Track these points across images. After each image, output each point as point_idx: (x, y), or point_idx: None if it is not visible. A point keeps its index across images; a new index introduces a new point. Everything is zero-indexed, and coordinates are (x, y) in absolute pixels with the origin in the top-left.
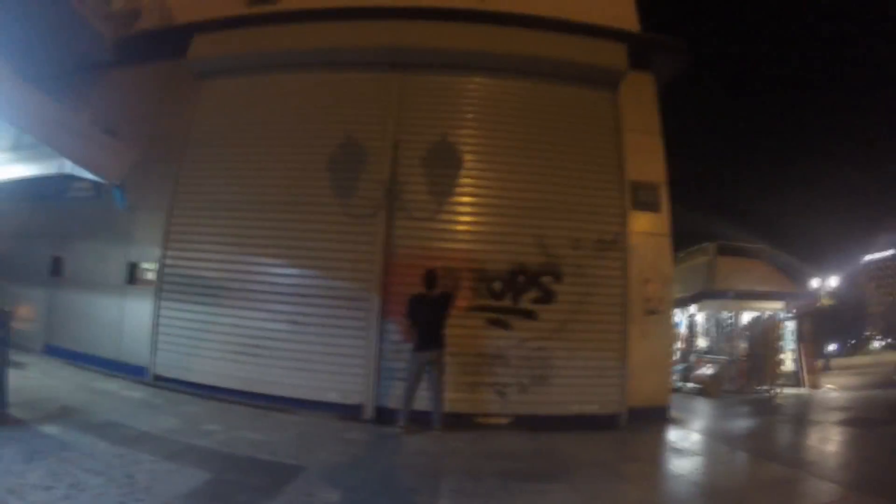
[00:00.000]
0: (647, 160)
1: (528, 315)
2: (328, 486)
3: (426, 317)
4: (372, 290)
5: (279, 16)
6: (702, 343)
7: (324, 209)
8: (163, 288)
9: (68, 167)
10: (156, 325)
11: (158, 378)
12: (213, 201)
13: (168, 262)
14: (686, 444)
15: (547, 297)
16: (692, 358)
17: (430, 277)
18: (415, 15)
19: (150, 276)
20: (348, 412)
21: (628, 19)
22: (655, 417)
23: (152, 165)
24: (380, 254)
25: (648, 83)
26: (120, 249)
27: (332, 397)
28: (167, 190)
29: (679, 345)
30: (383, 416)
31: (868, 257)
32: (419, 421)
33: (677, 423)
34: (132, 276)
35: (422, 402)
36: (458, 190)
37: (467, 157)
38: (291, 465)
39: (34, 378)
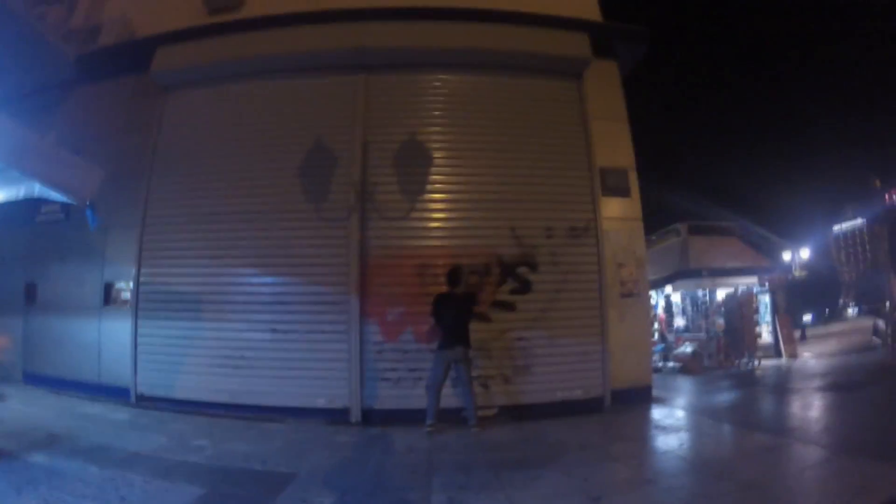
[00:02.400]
0: (615, 146)
1: (507, 307)
2: (321, 489)
3: (451, 315)
4: (350, 293)
5: (241, 24)
6: (679, 322)
7: (297, 215)
8: (140, 306)
9: (37, 190)
10: (135, 344)
11: (142, 398)
12: (184, 214)
13: (143, 279)
14: (670, 420)
15: (524, 287)
16: (671, 337)
17: (455, 275)
18: (377, 15)
19: (126, 294)
20: (336, 417)
21: (589, 8)
22: (639, 398)
23: (122, 182)
24: (355, 255)
25: (612, 70)
26: (94, 270)
27: (319, 403)
28: (138, 206)
29: (657, 325)
30: (370, 417)
31: (836, 227)
32: (416, 420)
33: (661, 401)
34: (108, 296)
35: (409, 400)
36: (429, 187)
37: (436, 153)
38: (283, 472)
39: (15, 408)
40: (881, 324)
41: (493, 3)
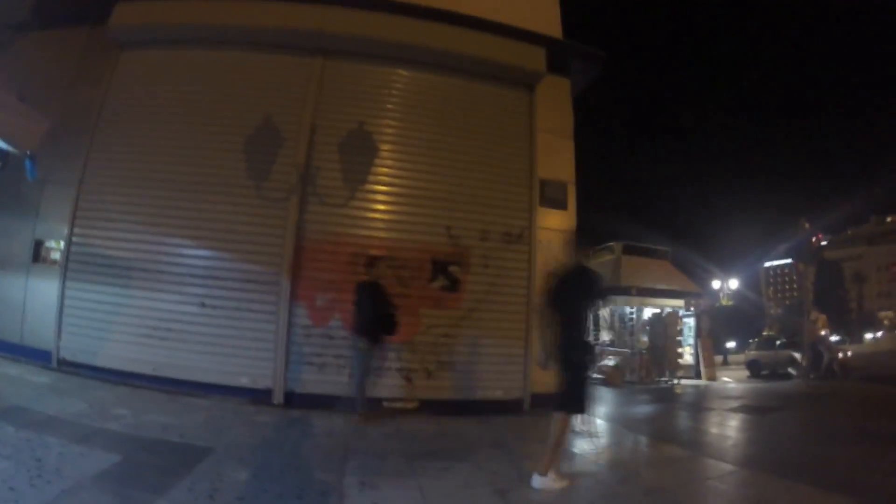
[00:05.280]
0: (558, 160)
1: (435, 303)
2: (236, 466)
3: (373, 305)
4: (282, 274)
5: None
6: (606, 336)
7: (238, 190)
8: (70, 267)
9: None
10: (62, 306)
11: (65, 362)
12: (125, 178)
13: (75, 239)
14: (586, 427)
15: (453, 285)
16: (597, 350)
17: (376, 266)
18: (343, 1)
19: (57, 254)
20: (258, 396)
21: (551, 24)
22: None
23: (64, 137)
24: (291, 237)
25: (564, 86)
26: (26, 225)
27: (243, 382)
28: (78, 163)
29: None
30: (293, 400)
31: (767, 264)
32: (338, 406)
33: None
34: (38, 254)
35: (333, 386)
36: (372, 178)
37: (383, 146)
38: (200, 446)
39: None
40: (797, 356)
41: (456, 6)
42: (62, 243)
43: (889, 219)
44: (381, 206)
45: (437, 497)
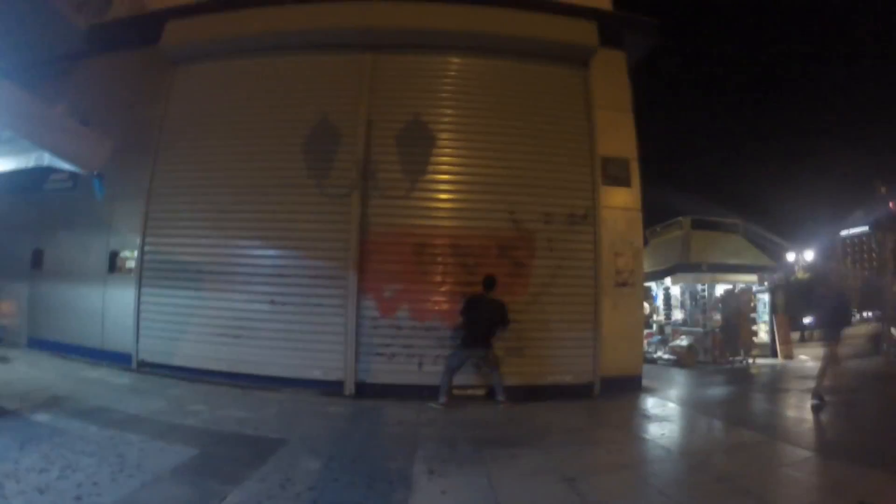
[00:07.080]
0: (618, 136)
1: (502, 289)
2: (309, 456)
3: (480, 318)
4: (348, 269)
5: None
6: (677, 315)
7: (300, 190)
8: (143, 275)
9: (46, 159)
10: (138, 311)
11: (143, 364)
12: (189, 186)
13: (148, 248)
14: (657, 410)
15: (519, 270)
16: (668, 330)
17: (490, 281)
18: None
19: (131, 263)
20: (330, 388)
21: None
22: (629, 387)
23: (129, 154)
24: (355, 232)
25: (620, 60)
26: (100, 239)
27: (314, 374)
28: (144, 177)
29: (655, 317)
30: (364, 391)
31: (843, 232)
32: (408, 395)
33: (650, 391)
34: (113, 264)
35: (403, 375)
36: (431, 167)
37: (440, 135)
38: (274, 438)
39: (21, 370)
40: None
41: None
42: (135, 252)
43: None
44: (442, 195)
45: (504, 484)
